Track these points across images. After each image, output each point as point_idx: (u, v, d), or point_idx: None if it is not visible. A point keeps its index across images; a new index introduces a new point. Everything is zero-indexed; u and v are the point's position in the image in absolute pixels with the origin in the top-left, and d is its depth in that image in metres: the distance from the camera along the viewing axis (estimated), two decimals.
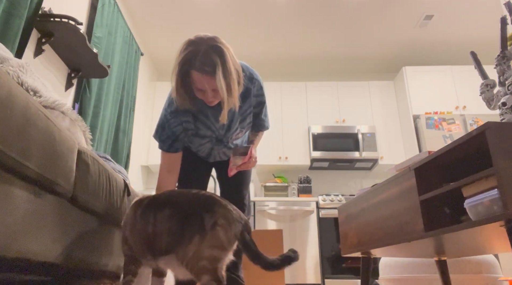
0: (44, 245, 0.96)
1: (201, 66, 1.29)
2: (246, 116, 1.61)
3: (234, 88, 1.34)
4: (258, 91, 1.60)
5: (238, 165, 1.60)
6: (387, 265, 1.99)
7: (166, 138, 1.55)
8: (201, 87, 1.35)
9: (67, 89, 2.73)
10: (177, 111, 1.52)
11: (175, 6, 3.73)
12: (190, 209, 1.00)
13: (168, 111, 1.53)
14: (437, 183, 1.13)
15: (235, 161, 1.60)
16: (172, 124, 1.53)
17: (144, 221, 1.05)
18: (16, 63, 1.26)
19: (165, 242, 0.99)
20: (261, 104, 1.64)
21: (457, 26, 4.14)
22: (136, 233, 1.07)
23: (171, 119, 1.52)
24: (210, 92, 1.36)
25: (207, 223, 0.96)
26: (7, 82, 0.80)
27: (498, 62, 1.41)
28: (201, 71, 1.30)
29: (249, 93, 1.56)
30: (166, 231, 1.00)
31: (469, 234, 1.05)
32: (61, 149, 1.03)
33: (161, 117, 1.56)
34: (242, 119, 1.61)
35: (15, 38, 1.94)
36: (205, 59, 1.29)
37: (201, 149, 1.68)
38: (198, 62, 1.29)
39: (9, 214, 0.82)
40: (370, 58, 4.76)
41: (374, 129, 4.38)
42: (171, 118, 1.52)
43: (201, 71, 1.30)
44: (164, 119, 1.54)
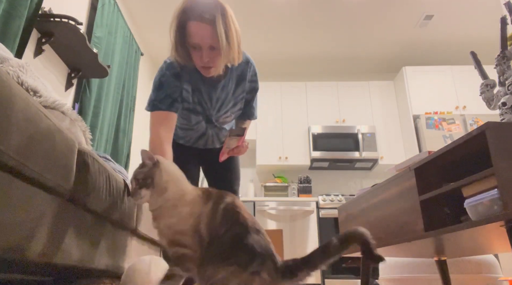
0: (44, 245, 0.96)
1: (200, 14, 1.22)
2: (238, 101, 1.58)
3: (233, 40, 1.27)
4: (253, 77, 1.57)
5: (232, 147, 1.55)
6: (387, 265, 1.99)
7: (164, 97, 1.40)
8: (198, 40, 1.26)
9: (67, 89, 2.73)
10: (179, 75, 1.42)
11: (175, 6, 3.73)
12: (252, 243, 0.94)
13: (168, 74, 1.41)
14: (437, 183, 1.13)
15: (229, 142, 1.54)
16: (171, 84, 1.41)
17: (221, 224, 0.99)
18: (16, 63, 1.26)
19: (213, 252, 0.95)
20: (254, 91, 1.62)
21: (457, 26, 4.14)
22: (208, 230, 1.00)
23: (170, 79, 1.40)
24: (206, 51, 1.28)
25: (252, 265, 0.90)
26: (7, 82, 0.80)
27: (498, 62, 1.41)
28: (199, 19, 1.23)
29: (244, 77, 1.54)
30: (221, 243, 0.95)
31: (469, 234, 1.05)
32: (61, 149, 1.03)
33: (156, 81, 1.43)
34: (234, 104, 1.57)
35: (15, 38, 1.94)
36: (204, 7, 1.23)
37: (197, 127, 1.59)
38: (196, 11, 1.23)
39: (9, 214, 0.82)
40: (370, 58, 4.76)
41: (374, 129, 4.38)
42: (172, 79, 1.41)
43: (199, 19, 1.23)
44: (162, 80, 1.40)
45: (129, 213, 1.69)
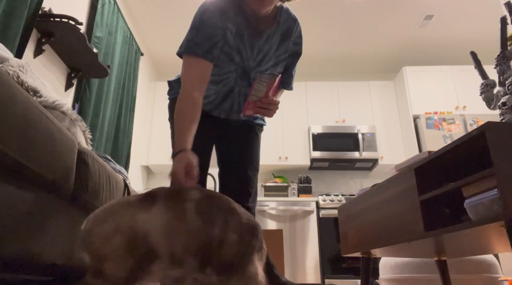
0: (44, 245, 0.96)
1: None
2: (279, 61, 1.42)
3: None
4: (298, 39, 1.44)
5: (260, 96, 1.31)
6: (387, 265, 1.99)
7: (203, 40, 1.21)
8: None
9: (67, 89, 2.73)
10: (225, 12, 1.24)
11: (175, 6, 3.73)
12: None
13: (212, 9, 1.23)
14: (437, 183, 1.13)
15: (258, 87, 1.30)
16: (214, 24, 1.22)
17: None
18: (16, 63, 1.26)
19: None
20: (296, 55, 1.48)
21: (457, 26, 4.14)
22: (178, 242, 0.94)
23: (215, 16, 1.22)
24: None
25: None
26: (7, 82, 0.80)
27: (498, 62, 1.41)
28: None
29: (290, 34, 1.40)
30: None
31: (469, 234, 1.05)
32: (61, 149, 1.03)
33: (196, 18, 1.24)
34: (275, 63, 1.42)
35: (15, 38, 1.94)
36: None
37: (226, 78, 1.37)
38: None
39: (9, 214, 0.82)
40: (370, 58, 4.76)
41: (374, 129, 4.38)
42: (216, 17, 1.23)
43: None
44: (203, 18, 1.22)
45: None
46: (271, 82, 1.30)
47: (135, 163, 4.09)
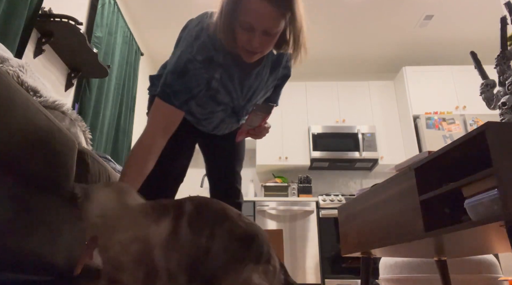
0: (44, 245, 0.96)
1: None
2: (268, 90, 1.40)
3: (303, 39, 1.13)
4: (287, 63, 1.38)
5: (254, 125, 1.30)
6: (387, 265, 1.99)
7: (183, 90, 1.14)
8: (253, 21, 1.04)
9: (67, 89, 2.73)
10: (211, 61, 1.17)
11: (175, 6, 3.73)
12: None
13: (199, 59, 1.14)
14: (437, 183, 1.13)
15: (253, 119, 1.28)
16: (198, 76, 1.16)
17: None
18: (16, 63, 1.26)
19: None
20: (285, 78, 1.44)
21: (457, 26, 4.13)
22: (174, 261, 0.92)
23: (199, 68, 1.15)
24: (259, 35, 1.07)
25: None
26: (7, 82, 0.80)
27: (498, 62, 1.41)
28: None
29: (280, 63, 1.35)
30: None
31: (469, 234, 1.05)
32: (61, 149, 1.03)
33: (179, 62, 1.15)
34: (265, 93, 1.40)
35: (15, 38, 1.94)
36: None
37: (210, 117, 1.36)
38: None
39: (9, 214, 0.82)
40: (370, 58, 4.76)
41: (374, 129, 4.38)
42: (201, 69, 1.16)
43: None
44: (188, 67, 1.14)
45: None
46: (266, 116, 1.27)
47: None
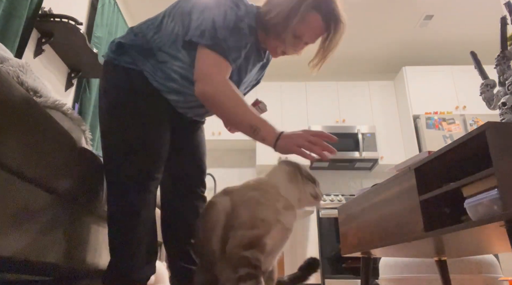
0: (44, 245, 0.96)
1: (329, 14, 1.16)
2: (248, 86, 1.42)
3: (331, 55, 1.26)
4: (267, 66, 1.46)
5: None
6: (387, 265, 1.99)
7: (235, 48, 1.13)
8: (308, 34, 1.19)
9: (67, 89, 2.73)
10: (252, 32, 1.20)
11: None
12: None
13: (247, 22, 1.16)
14: (437, 183, 1.13)
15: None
16: (245, 37, 1.16)
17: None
18: (16, 63, 1.25)
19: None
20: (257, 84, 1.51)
21: (457, 26, 4.13)
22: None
23: (247, 29, 1.16)
24: (302, 45, 1.26)
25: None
26: (7, 82, 0.80)
27: (498, 62, 1.41)
28: (325, 18, 1.16)
29: (267, 64, 1.43)
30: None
31: (469, 234, 1.05)
32: (61, 149, 1.03)
33: (231, 18, 1.12)
34: (247, 91, 1.43)
35: (15, 38, 1.94)
36: (335, 10, 1.17)
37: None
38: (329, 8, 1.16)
39: (9, 214, 0.82)
40: (370, 58, 4.76)
41: (374, 129, 4.38)
42: (248, 31, 1.17)
43: (324, 19, 1.16)
44: (238, 25, 1.13)
45: None
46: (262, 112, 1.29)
47: None
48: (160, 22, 1.26)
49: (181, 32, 1.18)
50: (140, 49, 1.21)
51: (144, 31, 1.24)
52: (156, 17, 1.30)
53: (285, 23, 1.15)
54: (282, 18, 1.15)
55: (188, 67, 1.17)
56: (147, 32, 1.24)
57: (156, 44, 1.21)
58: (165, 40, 1.20)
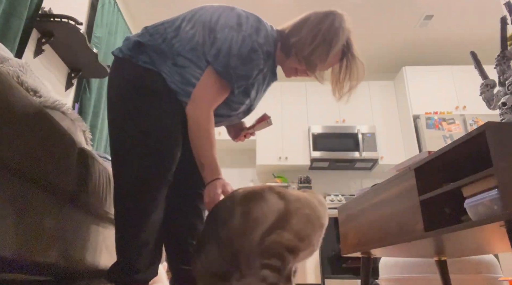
0: (44, 245, 0.96)
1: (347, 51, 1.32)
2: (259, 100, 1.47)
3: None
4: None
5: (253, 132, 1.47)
6: (387, 265, 1.99)
7: (244, 76, 1.18)
8: (325, 65, 1.33)
9: (67, 89, 2.73)
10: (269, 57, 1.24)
11: (175, 6, 3.73)
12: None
13: (264, 50, 1.20)
14: (437, 183, 1.13)
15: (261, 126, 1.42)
16: (258, 66, 1.21)
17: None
18: (16, 63, 1.26)
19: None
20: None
21: (457, 26, 4.13)
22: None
23: (262, 58, 1.20)
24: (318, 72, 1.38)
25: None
26: (7, 82, 0.80)
27: (498, 62, 1.41)
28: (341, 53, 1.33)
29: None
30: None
31: (469, 234, 1.05)
32: (61, 149, 1.03)
33: (244, 47, 1.16)
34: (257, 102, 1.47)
35: (15, 38, 1.94)
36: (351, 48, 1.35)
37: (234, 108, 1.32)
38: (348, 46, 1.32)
39: (9, 214, 0.82)
40: (370, 58, 4.76)
41: (374, 129, 4.38)
42: (262, 60, 1.21)
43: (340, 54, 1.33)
44: (252, 56, 1.17)
45: None
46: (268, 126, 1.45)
47: None
48: (178, 27, 1.25)
49: (201, 41, 1.20)
50: (157, 50, 1.21)
51: (161, 32, 1.24)
52: (173, 20, 1.29)
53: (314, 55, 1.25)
54: (311, 49, 1.25)
55: None
56: (165, 34, 1.23)
57: (176, 48, 1.21)
58: (184, 45, 1.21)
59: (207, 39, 1.20)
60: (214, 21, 1.21)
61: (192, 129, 1.15)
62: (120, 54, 1.23)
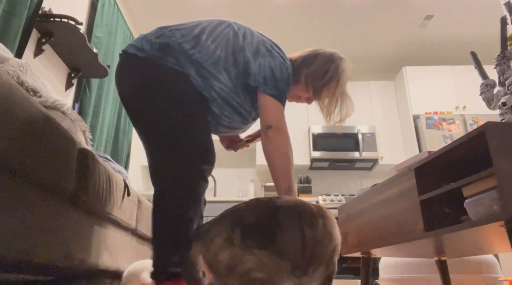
0: (44, 245, 0.96)
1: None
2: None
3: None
4: None
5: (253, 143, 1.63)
6: (387, 265, 1.99)
7: (286, 97, 1.34)
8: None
9: (67, 89, 2.73)
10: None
11: (175, 6, 3.73)
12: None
13: (290, 73, 1.35)
14: (437, 183, 1.13)
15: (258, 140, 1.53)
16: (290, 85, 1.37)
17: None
18: (16, 63, 1.26)
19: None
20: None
21: (457, 26, 4.13)
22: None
23: (291, 82, 1.37)
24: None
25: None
26: (7, 82, 0.80)
27: (498, 62, 1.41)
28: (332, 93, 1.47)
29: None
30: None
31: (469, 234, 1.05)
32: (61, 149, 1.03)
33: (285, 73, 1.30)
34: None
35: (15, 38, 1.94)
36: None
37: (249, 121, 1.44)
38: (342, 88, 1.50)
39: (9, 214, 0.82)
40: (370, 58, 4.76)
41: (374, 129, 4.38)
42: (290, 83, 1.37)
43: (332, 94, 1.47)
44: (289, 78, 1.33)
45: (129, 213, 1.69)
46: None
47: (135, 163, 4.09)
48: (197, 38, 1.27)
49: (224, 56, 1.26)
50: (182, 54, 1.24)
51: (179, 40, 1.26)
52: (189, 28, 1.30)
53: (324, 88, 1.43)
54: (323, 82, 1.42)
55: (228, 92, 1.26)
56: (183, 43, 1.25)
57: (196, 59, 1.24)
58: (206, 59, 1.24)
59: (230, 56, 1.26)
60: (241, 42, 1.29)
61: (276, 153, 1.24)
62: (142, 54, 1.23)
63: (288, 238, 0.91)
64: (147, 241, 2.16)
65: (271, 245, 0.87)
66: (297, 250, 0.91)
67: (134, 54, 1.24)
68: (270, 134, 1.24)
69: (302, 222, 0.96)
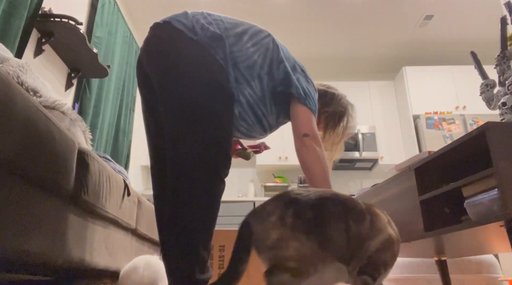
0: (44, 245, 0.96)
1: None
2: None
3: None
4: None
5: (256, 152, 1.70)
6: None
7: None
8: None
9: (67, 89, 2.72)
10: None
11: (175, 6, 3.73)
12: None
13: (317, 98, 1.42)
14: (437, 183, 1.13)
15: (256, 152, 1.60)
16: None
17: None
18: (16, 63, 1.26)
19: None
20: None
21: (457, 26, 4.13)
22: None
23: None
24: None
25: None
26: (7, 82, 0.80)
27: (498, 62, 1.41)
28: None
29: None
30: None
31: (469, 234, 1.05)
32: (61, 149, 1.03)
33: (315, 92, 1.37)
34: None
35: (15, 38, 1.94)
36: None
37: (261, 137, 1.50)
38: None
39: (10, 214, 0.82)
40: (370, 58, 4.76)
41: (374, 129, 4.38)
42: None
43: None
44: (317, 100, 1.38)
45: (129, 213, 1.70)
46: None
47: (135, 163, 4.09)
48: (239, 35, 1.23)
49: (260, 63, 1.24)
50: (227, 49, 1.19)
51: (225, 33, 1.21)
52: (231, 23, 1.26)
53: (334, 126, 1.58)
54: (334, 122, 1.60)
55: (257, 99, 1.23)
56: (226, 36, 1.20)
57: (233, 57, 1.19)
58: (243, 59, 1.20)
59: (266, 65, 1.25)
60: (281, 54, 1.29)
61: (317, 163, 1.25)
62: (191, 34, 1.17)
63: (334, 228, 0.92)
64: (147, 241, 2.16)
65: (317, 231, 0.89)
66: (341, 241, 0.93)
67: (182, 31, 1.16)
68: (307, 142, 1.25)
69: (348, 215, 0.98)
